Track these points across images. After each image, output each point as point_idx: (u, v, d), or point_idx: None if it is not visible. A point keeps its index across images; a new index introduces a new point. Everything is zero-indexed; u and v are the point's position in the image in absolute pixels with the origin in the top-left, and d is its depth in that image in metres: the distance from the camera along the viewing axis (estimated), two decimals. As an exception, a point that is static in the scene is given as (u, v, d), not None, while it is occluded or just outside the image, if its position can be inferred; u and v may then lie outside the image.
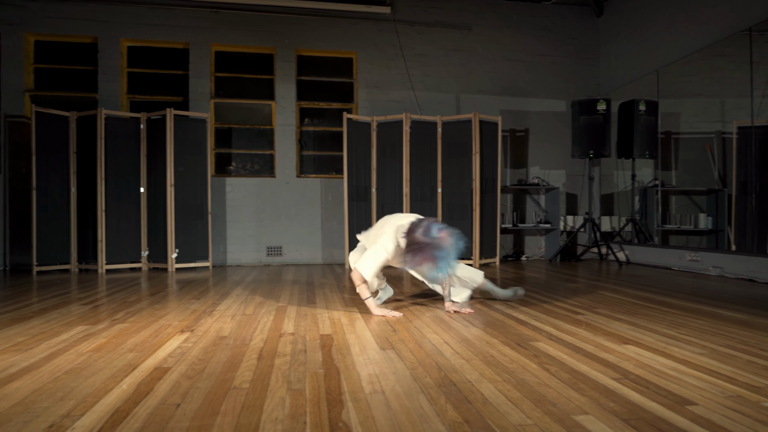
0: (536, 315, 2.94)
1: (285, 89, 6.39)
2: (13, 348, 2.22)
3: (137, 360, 2.01)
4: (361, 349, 2.18)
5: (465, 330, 2.56)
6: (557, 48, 7.00)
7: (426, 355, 2.10)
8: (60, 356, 2.07)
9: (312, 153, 6.65)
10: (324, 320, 2.82)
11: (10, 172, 5.83)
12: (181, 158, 5.60)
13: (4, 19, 5.81)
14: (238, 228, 6.26)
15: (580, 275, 4.97)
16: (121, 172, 5.57)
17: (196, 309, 3.17)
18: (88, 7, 5.98)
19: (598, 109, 6.07)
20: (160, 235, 5.57)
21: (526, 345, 2.25)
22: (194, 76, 6.21)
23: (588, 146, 6.15)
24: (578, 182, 7.00)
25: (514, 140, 6.92)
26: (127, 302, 3.45)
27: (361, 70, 6.57)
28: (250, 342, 2.31)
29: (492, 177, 5.97)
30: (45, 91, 6.03)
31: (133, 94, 6.25)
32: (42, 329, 2.60)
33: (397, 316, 2.89)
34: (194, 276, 5.11)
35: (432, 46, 6.69)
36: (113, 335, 2.45)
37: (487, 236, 5.96)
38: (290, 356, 2.07)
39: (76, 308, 3.22)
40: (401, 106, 6.55)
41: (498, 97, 6.83)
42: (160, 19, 6.13)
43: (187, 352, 2.13)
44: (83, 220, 5.54)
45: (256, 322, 2.75)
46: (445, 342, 2.31)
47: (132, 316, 2.95)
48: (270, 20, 6.35)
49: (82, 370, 1.87)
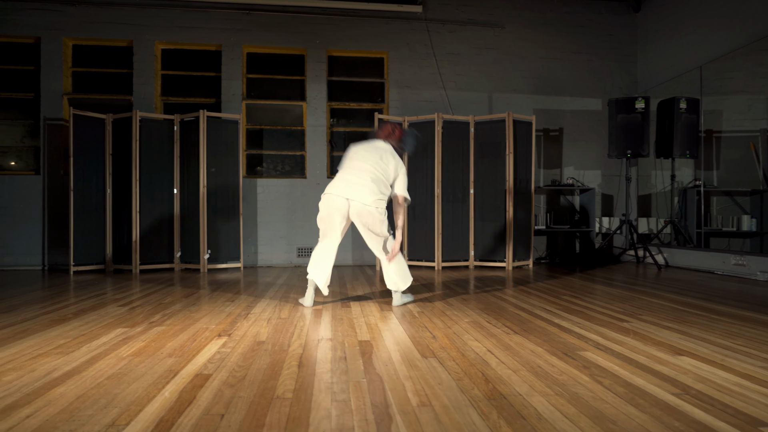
0: (579, 322, 2.84)
1: (316, 90, 6.38)
2: (55, 351, 2.23)
3: (177, 366, 1.99)
4: (403, 357, 2.12)
5: (506, 337, 2.48)
6: (593, 45, 6.82)
7: (470, 364, 2.02)
8: (101, 360, 2.07)
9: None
10: (361, 325, 2.77)
11: (49, 174, 5.95)
12: (213, 159, 5.63)
13: (44, 24, 5.94)
14: (269, 229, 6.27)
15: (619, 279, 4.82)
16: (155, 173, 5.63)
17: (231, 312, 3.16)
18: (124, 10, 6.07)
19: (637, 107, 5.88)
20: (193, 236, 5.61)
21: (574, 355, 2.16)
22: (226, 77, 6.24)
23: (625, 146, 5.97)
24: (614, 183, 6.81)
25: (547, 140, 6.77)
26: (162, 304, 3.46)
27: (392, 70, 6.51)
28: (288, 348, 2.27)
29: (525, 178, 5.84)
30: (82, 94, 6.14)
31: (167, 96, 6.32)
32: (81, 331, 2.61)
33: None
34: (226, 277, 5.13)
35: (464, 45, 6.59)
36: (152, 339, 2.44)
37: (521, 238, 5.84)
38: (331, 364, 2.02)
39: (114, 309, 3.24)
40: (432, 106, 6.47)
41: (531, 96, 6.69)
42: (193, 22, 6.18)
43: (226, 358, 2.10)
44: (118, 220, 5.62)
45: (293, 327, 2.72)
46: (488, 350, 2.24)
47: (168, 318, 2.95)
48: (301, 21, 6.34)
49: (124, 376, 1.86)
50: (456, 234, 5.84)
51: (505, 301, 3.56)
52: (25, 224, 5.89)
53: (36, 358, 2.10)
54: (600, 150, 6.73)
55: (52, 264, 5.94)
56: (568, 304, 3.45)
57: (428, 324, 2.80)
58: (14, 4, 5.90)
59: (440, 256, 5.79)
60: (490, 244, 5.80)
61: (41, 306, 3.39)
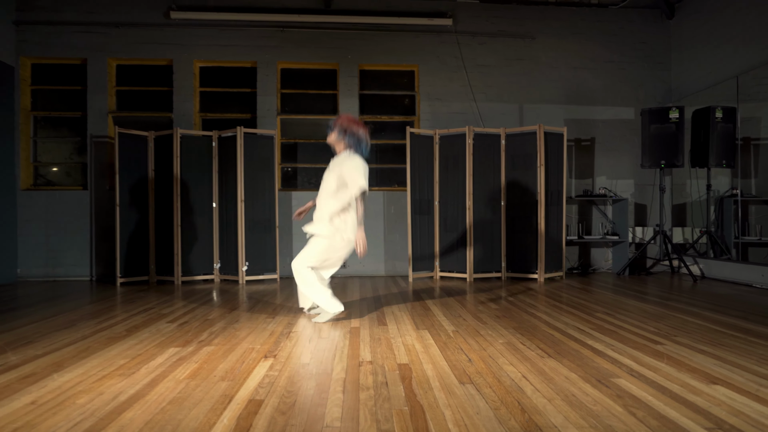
0: (613, 344, 2.89)
1: (348, 104, 6.52)
2: (117, 372, 2.40)
3: (231, 390, 2.14)
4: (441, 384, 2.22)
5: (541, 361, 2.55)
6: (625, 53, 6.78)
7: (506, 392, 2.11)
8: (160, 383, 2.23)
9: (374, 166, 6.74)
10: (399, 346, 2.88)
11: (96, 189, 6.25)
12: (250, 174, 5.82)
13: (90, 46, 6.24)
14: (303, 240, 6.44)
15: (653, 292, 4.81)
16: (195, 187, 5.86)
17: (273, 330, 3.31)
18: (165, 31, 6.33)
19: (671, 117, 5.84)
20: (231, 248, 5.82)
21: (608, 382, 2.22)
22: (261, 93, 6.44)
23: (659, 156, 5.93)
24: (648, 192, 6.76)
25: (579, 149, 6.76)
26: (207, 320, 3.64)
27: (422, 83, 6.60)
28: (332, 372, 2.40)
29: (557, 189, 5.86)
30: (125, 112, 6.43)
31: (205, 112, 6.56)
32: (138, 350, 2.79)
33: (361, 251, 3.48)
34: (264, 288, 5.31)
35: (494, 57, 6.64)
36: (203, 359, 2.60)
37: (552, 250, 5.86)
38: (373, 390, 2.14)
39: (164, 326, 3.43)
40: (463, 118, 6.54)
41: (562, 106, 6.69)
42: (229, 40, 6.39)
43: (275, 382, 2.24)
44: (160, 233, 5.87)
45: (333, 347, 2.85)
46: (523, 376, 2.32)
47: (215, 337, 3.11)
48: (333, 37, 6.49)
49: (184, 401, 2.01)
50: (487, 245, 5.90)
51: (537, 319, 3.62)
52: (74, 237, 6.20)
53: (102, 380, 2.28)
54: (633, 159, 6.69)
55: (99, 275, 6.23)
56: (602, 322, 3.49)
57: (463, 345, 2.89)
58: (63, 28, 6.21)
59: (472, 268, 5.85)
60: (521, 256, 5.84)
61: (97, 321, 3.60)
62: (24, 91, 6.27)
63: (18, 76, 6.19)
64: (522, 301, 4.41)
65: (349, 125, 3.61)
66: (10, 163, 6.08)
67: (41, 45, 6.21)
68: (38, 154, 6.43)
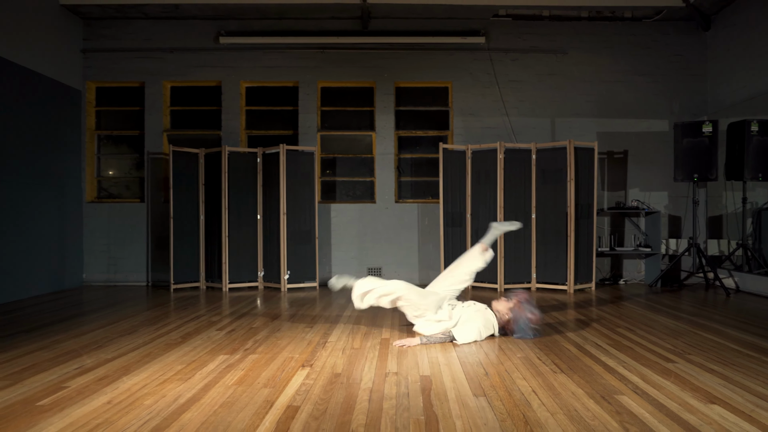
0: (625, 361, 3.07)
1: (384, 120, 6.83)
2: (176, 377, 2.78)
3: (272, 396, 2.47)
4: (457, 396, 2.48)
5: (552, 376, 2.77)
6: (659, 66, 6.81)
7: (514, 404, 2.35)
8: (213, 388, 2.58)
9: (409, 179, 7.03)
10: (423, 359, 3.15)
11: (152, 201, 6.79)
12: (291, 187, 6.21)
13: (147, 70, 6.79)
14: (341, 250, 6.79)
15: (681, 306, 4.89)
16: (241, 201, 6.29)
17: (311, 340, 3.64)
18: (214, 54, 6.81)
19: (704, 131, 5.87)
20: (274, 257, 6.22)
21: (610, 398, 2.43)
22: (303, 111, 6.83)
23: (692, 169, 5.96)
24: (682, 204, 6.77)
25: (612, 162, 6.84)
26: (252, 329, 4.01)
27: (456, 99, 6.84)
28: (360, 382, 2.70)
29: (587, 203, 5.98)
30: (178, 130, 6.95)
31: (251, 129, 7.00)
32: (192, 357, 3.17)
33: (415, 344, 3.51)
34: (304, 296, 5.68)
35: (526, 72, 6.81)
36: (248, 367, 2.95)
37: (583, 262, 5.99)
38: (395, 399, 2.42)
39: (214, 334, 3.82)
40: (495, 132, 6.74)
41: (595, 120, 6.79)
42: (273, 62, 6.82)
43: (310, 390, 2.55)
44: (210, 243, 6.34)
45: (364, 358, 3.15)
46: (533, 390, 2.55)
47: (259, 345, 3.47)
48: (370, 56, 6.82)
49: (233, 404, 2.35)
50: (518, 257, 6.09)
51: (560, 333, 3.81)
52: (132, 245, 6.76)
53: (163, 384, 2.65)
54: (667, 171, 6.72)
55: (154, 281, 6.76)
56: (621, 338, 3.65)
57: (483, 359, 3.14)
58: (122, 54, 6.78)
59: (502, 278, 6.05)
60: (552, 267, 6.00)
61: (155, 328, 4.03)
62: (89, 113, 6.88)
63: (84, 99, 6.80)
64: (547, 313, 4.59)
65: (521, 314, 3.62)
66: (78, 177, 6.68)
67: (104, 70, 6.80)
68: (101, 170, 7.04)
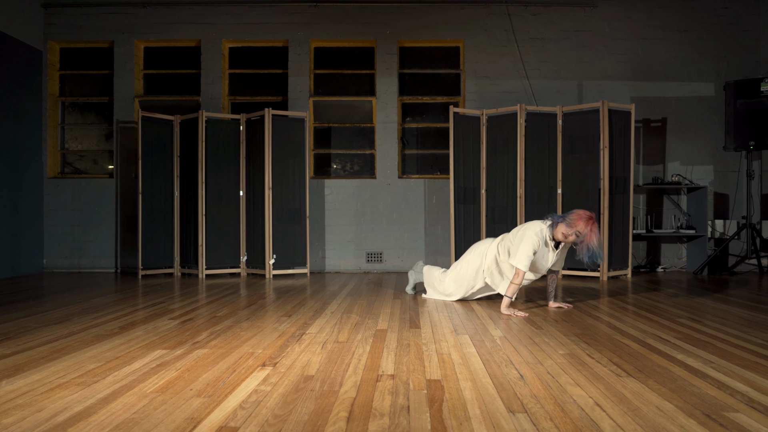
0: (712, 360, 2.21)
1: (386, 84, 5.97)
2: (78, 379, 1.95)
3: (202, 411, 1.62)
4: (483, 412, 1.63)
5: (618, 382, 1.91)
6: (704, 21, 5.90)
7: (575, 427, 1.50)
8: (120, 397, 1.75)
9: (415, 152, 6.17)
10: (431, 355, 2.30)
11: (122, 177, 5.97)
12: (279, 160, 5.37)
13: (116, 27, 5.97)
14: (336, 232, 5.95)
15: (744, 295, 4.01)
16: (222, 175, 5.46)
17: (284, 331, 2.80)
18: (193, 10, 5.98)
19: (762, 90, 4.98)
20: (258, 239, 5.39)
21: (721, 418, 1.57)
22: (293, 74, 5.99)
23: (747, 136, 5.07)
24: (731, 180, 5.86)
25: (648, 132, 5.94)
26: (215, 317, 3.18)
27: (468, 59, 5.97)
28: (339, 388, 1.85)
29: (623, 175, 5.10)
30: (153, 96, 6.13)
31: (235, 95, 6.17)
32: (119, 352, 2.34)
33: (522, 315, 3.20)
34: (291, 283, 4.84)
35: (549, 29, 5.93)
36: (187, 366, 2.12)
37: (617, 244, 5.11)
38: (389, 418, 1.57)
39: (163, 323, 2.99)
40: (513, 97, 5.86)
41: (628, 83, 5.90)
42: (260, 18, 5.97)
43: (263, 401, 1.71)
44: (186, 223, 5.51)
45: (350, 355, 2.30)
46: (596, 403, 1.69)
47: (215, 338, 2.63)
48: (370, 11, 5.96)
49: (135, 426, 1.51)
50: (541, 239, 5.21)
51: (605, 324, 2.96)
52: (100, 227, 5.95)
53: (53, 391, 1.82)
54: (713, 142, 5.82)
55: (124, 267, 5.95)
56: (689, 330, 2.79)
57: (513, 356, 2.28)
58: (89, 10, 5.96)
59: (523, 264, 5.17)
60: (581, 251, 5.11)
61: (94, 317, 3.21)
62: (52, 76, 6.06)
63: (46, 61, 5.99)
64: (582, 301, 3.73)
65: (591, 241, 3.20)
66: (38, 150, 5.88)
67: (68, 28, 5.99)
68: (66, 141, 6.22)
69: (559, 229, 3.24)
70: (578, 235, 3.17)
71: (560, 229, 3.23)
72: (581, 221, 3.16)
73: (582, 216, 3.18)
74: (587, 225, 3.15)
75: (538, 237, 3.28)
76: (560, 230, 3.23)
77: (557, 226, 3.26)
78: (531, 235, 3.28)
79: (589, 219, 3.17)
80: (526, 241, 3.27)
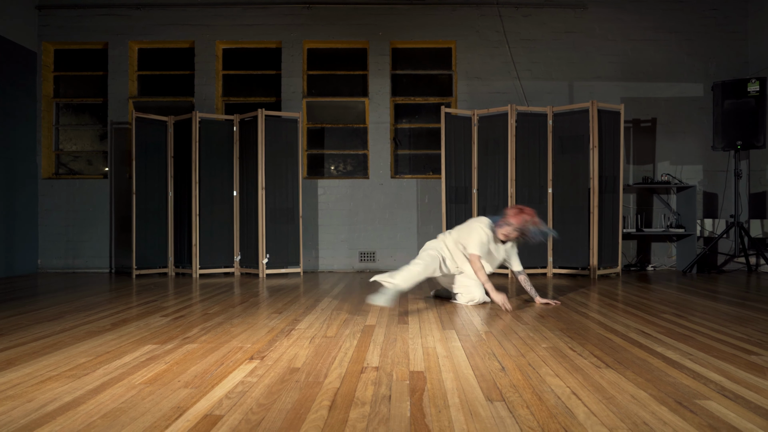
0: (690, 352, 2.26)
1: (379, 85, 6.02)
2: (69, 372, 1.98)
3: (188, 401, 1.67)
4: (462, 400, 1.67)
5: (596, 372, 1.97)
6: (692, 22, 5.98)
7: (550, 414, 1.55)
8: (109, 389, 1.79)
9: (407, 152, 6.22)
10: (416, 349, 2.35)
11: (116, 177, 6.01)
12: (272, 160, 5.42)
13: (110, 29, 6.00)
14: (330, 232, 5.99)
15: (730, 292, 4.07)
16: (215, 175, 5.50)
17: (274, 327, 2.84)
18: (187, 11, 6.02)
19: (749, 90, 5.04)
20: (252, 239, 5.43)
21: (692, 405, 1.62)
22: (286, 75, 6.03)
23: (735, 135, 5.14)
24: (719, 179, 5.93)
25: (638, 131, 6.01)
26: (207, 315, 3.22)
27: (460, 60, 6.03)
28: (324, 379, 1.89)
29: (612, 175, 5.16)
30: (147, 97, 6.16)
31: (228, 96, 6.21)
32: (110, 347, 2.38)
33: (509, 309, 3.32)
34: (284, 283, 4.88)
35: (540, 30, 5.99)
36: (176, 360, 2.16)
37: (607, 243, 5.17)
38: (370, 406, 1.62)
39: (155, 321, 3.03)
40: (505, 98, 5.92)
41: (619, 83, 5.97)
42: (253, 19, 6.02)
43: (249, 392, 1.76)
44: (179, 223, 5.55)
45: (337, 349, 2.35)
46: (573, 392, 1.74)
47: (205, 333, 2.67)
48: (363, 12, 6.02)
49: (123, 414, 1.55)
50: (532, 238, 5.26)
51: (590, 320, 3.01)
52: (95, 228, 5.98)
53: (44, 383, 1.86)
54: (701, 142, 5.89)
55: (118, 267, 5.98)
56: (671, 325, 2.84)
57: (497, 349, 2.33)
58: (84, 12, 6.00)
59: (514, 263, 5.23)
60: (571, 250, 5.18)
61: (86, 314, 3.25)
62: (46, 78, 6.10)
63: (40, 62, 6.02)
64: (571, 299, 3.78)
65: (526, 227, 3.47)
66: (32, 151, 5.91)
67: (63, 29, 6.02)
68: (60, 142, 6.26)
69: (499, 230, 3.50)
70: (517, 229, 3.44)
71: (500, 231, 3.50)
72: (512, 217, 3.44)
73: (511, 212, 3.47)
74: (518, 217, 3.42)
75: (485, 231, 3.51)
76: (501, 231, 3.50)
77: (498, 229, 3.51)
78: (478, 227, 3.52)
79: (519, 212, 3.44)
80: (474, 232, 3.51)
